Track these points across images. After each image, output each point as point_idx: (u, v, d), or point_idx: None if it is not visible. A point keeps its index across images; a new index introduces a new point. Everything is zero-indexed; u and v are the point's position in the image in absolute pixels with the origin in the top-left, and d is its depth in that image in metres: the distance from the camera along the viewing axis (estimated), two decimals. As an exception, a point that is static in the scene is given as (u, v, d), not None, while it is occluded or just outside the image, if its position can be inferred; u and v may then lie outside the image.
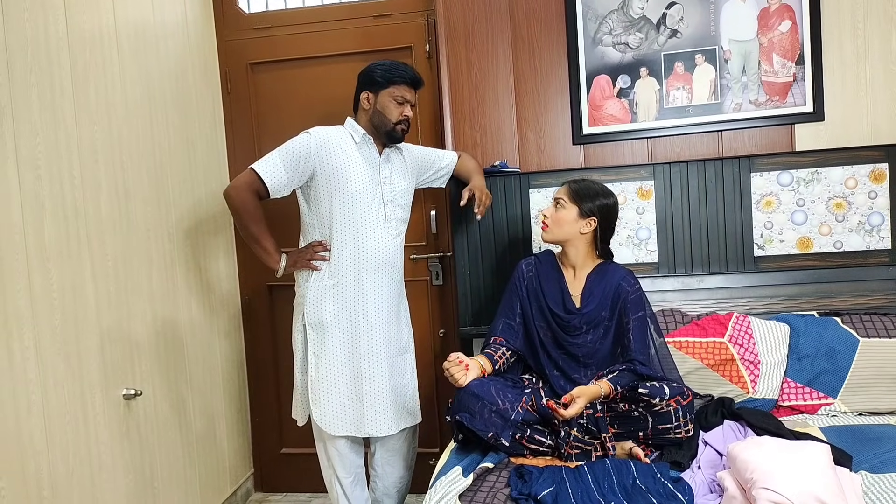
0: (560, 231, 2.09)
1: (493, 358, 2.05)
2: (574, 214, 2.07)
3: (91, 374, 2.01)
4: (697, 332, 2.27)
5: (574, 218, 2.07)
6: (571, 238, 2.09)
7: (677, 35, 2.55)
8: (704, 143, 2.57)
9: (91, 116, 2.07)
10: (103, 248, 2.09)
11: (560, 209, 2.08)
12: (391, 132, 2.21)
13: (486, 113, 2.70)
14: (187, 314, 2.57)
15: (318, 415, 2.20)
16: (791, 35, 2.49)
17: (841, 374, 2.15)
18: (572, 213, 2.07)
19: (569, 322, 2.06)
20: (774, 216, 2.48)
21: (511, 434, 1.85)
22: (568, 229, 2.08)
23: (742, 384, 2.18)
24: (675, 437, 1.84)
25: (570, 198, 2.08)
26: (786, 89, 2.50)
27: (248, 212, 2.15)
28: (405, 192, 2.31)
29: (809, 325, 2.25)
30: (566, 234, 2.09)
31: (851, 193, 2.44)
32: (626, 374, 1.94)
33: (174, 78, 2.57)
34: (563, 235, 2.09)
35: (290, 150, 2.15)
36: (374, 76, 2.21)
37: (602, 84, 2.61)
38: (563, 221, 2.08)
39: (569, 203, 2.07)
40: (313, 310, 2.19)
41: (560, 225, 2.08)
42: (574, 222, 2.07)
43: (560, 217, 2.08)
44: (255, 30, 2.91)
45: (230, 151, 2.96)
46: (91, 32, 2.09)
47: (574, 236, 2.09)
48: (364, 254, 2.19)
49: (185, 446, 2.51)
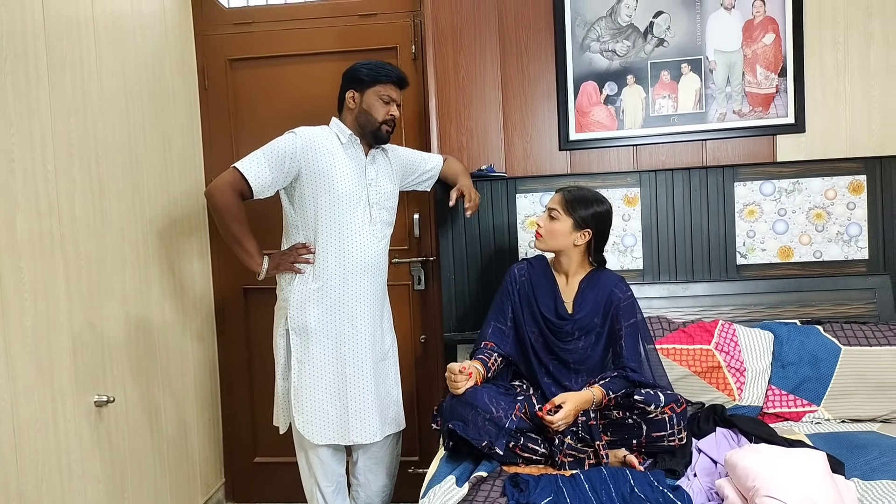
0: (554, 242, 2.05)
1: (486, 364, 2.01)
2: (568, 226, 2.03)
3: (62, 380, 1.91)
4: (684, 340, 2.27)
5: (568, 230, 2.03)
6: (564, 249, 2.06)
7: (664, 44, 2.56)
8: (689, 152, 2.58)
9: (67, 107, 1.97)
10: (77, 247, 1.99)
11: (554, 220, 2.04)
12: (377, 132, 2.17)
13: (472, 116, 2.67)
14: (160, 316, 2.47)
15: (300, 422, 2.13)
16: (774, 47, 2.53)
17: (824, 382, 2.17)
18: (566, 225, 2.03)
19: (561, 328, 2.04)
20: (757, 225, 2.51)
21: (505, 442, 1.81)
22: (562, 241, 2.04)
23: (728, 391, 2.19)
24: (668, 444, 1.83)
25: (563, 209, 2.03)
26: (768, 100, 2.54)
27: (231, 212, 2.07)
28: (391, 194, 2.26)
29: (792, 333, 2.27)
30: (559, 246, 2.05)
31: (831, 204, 2.48)
32: (619, 381, 1.92)
33: (150, 70, 2.47)
34: (556, 246, 2.06)
35: (275, 150, 2.09)
36: (359, 75, 2.17)
37: (589, 90, 2.60)
38: (556, 233, 2.03)
39: (562, 214, 2.03)
40: (297, 314, 2.13)
41: (554, 236, 2.04)
42: (568, 234, 2.03)
43: (554, 228, 2.04)
44: (235, 25, 2.83)
45: (206, 149, 2.86)
46: (68, 20, 2.00)
47: (567, 247, 2.05)
48: (350, 257, 2.13)
49: (156, 454, 2.41)
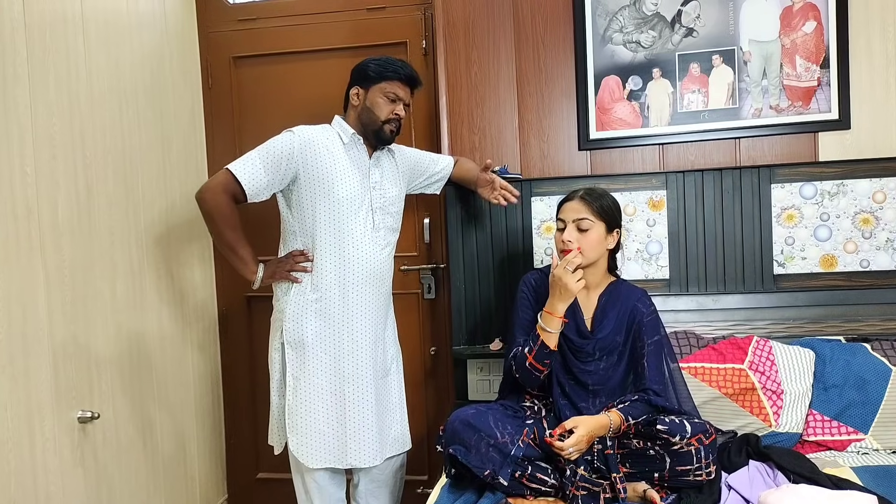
0: (594, 253, 1.84)
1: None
2: (602, 232, 1.84)
3: (40, 395, 1.80)
4: (714, 358, 2.07)
5: (603, 236, 1.84)
6: (601, 258, 1.88)
7: (693, 34, 2.36)
8: (721, 151, 2.37)
9: (50, 108, 1.87)
10: (59, 253, 1.89)
11: (586, 231, 1.82)
12: (379, 131, 2.02)
13: (485, 115, 2.51)
14: (157, 326, 2.35)
15: (294, 444, 1.99)
16: (816, 36, 2.31)
17: (872, 407, 1.96)
18: (600, 230, 1.84)
19: (581, 347, 1.85)
20: (796, 231, 2.29)
21: (510, 472, 1.64)
22: (599, 249, 1.85)
23: (764, 416, 1.98)
24: (695, 479, 1.64)
25: (593, 214, 1.83)
26: (809, 94, 2.32)
27: (223, 216, 1.94)
28: (396, 198, 2.11)
29: (836, 352, 2.05)
30: (598, 254, 1.86)
31: (880, 208, 2.26)
32: (640, 405, 1.73)
33: (148, 70, 2.37)
34: (595, 257, 1.86)
35: (271, 150, 1.95)
36: (367, 71, 2.03)
37: (611, 86, 2.41)
38: (594, 243, 1.83)
39: (595, 220, 1.83)
40: (293, 327, 1.98)
41: (593, 247, 1.83)
42: (603, 240, 1.85)
43: (591, 239, 1.82)
44: (240, 21, 2.72)
45: (210, 150, 2.75)
46: (52, 16, 1.90)
47: (603, 256, 1.88)
48: (350, 266, 1.99)
49: (150, 472, 2.29)
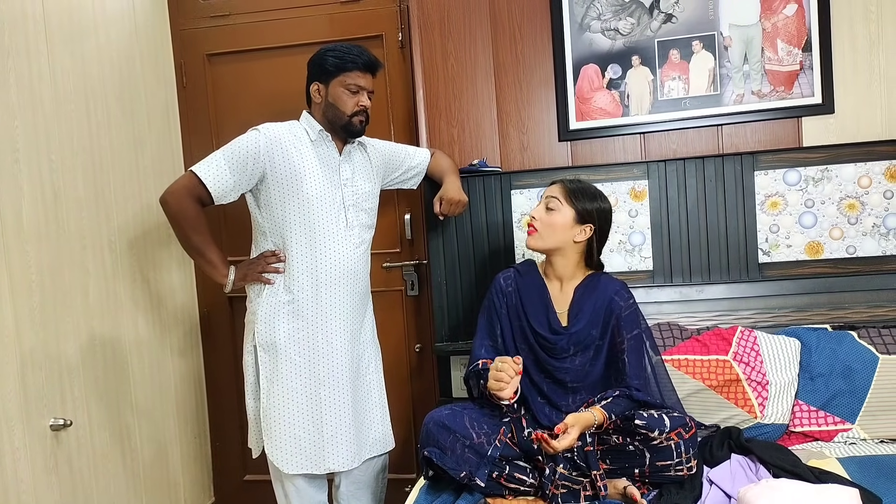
0: (552, 237, 1.80)
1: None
2: (569, 218, 1.79)
3: (8, 404, 1.76)
4: (698, 349, 2.03)
5: (569, 223, 1.79)
6: (563, 246, 1.81)
7: (672, 20, 2.32)
8: (703, 139, 2.33)
9: (10, 110, 1.83)
10: (25, 258, 1.84)
11: (552, 211, 1.80)
12: (347, 125, 1.96)
13: (463, 107, 2.46)
14: (132, 331, 2.31)
15: (271, 449, 1.95)
16: (797, 19, 2.26)
17: (859, 396, 1.92)
18: (567, 216, 1.79)
19: (555, 344, 1.80)
20: (780, 218, 2.25)
21: (487, 472, 1.61)
22: (561, 236, 1.79)
23: (749, 408, 1.94)
24: (675, 474, 1.60)
25: (565, 198, 1.79)
26: (792, 79, 2.28)
27: (188, 220, 1.89)
28: (369, 194, 2.06)
29: (822, 341, 2.01)
30: (558, 242, 1.81)
31: (865, 193, 2.21)
32: (622, 401, 1.69)
33: (118, 70, 2.32)
34: (554, 243, 1.81)
35: (237, 150, 1.90)
36: (324, 64, 1.95)
37: (590, 74, 2.37)
38: (556, 226, 1.79)
39: (564, 204, 1.79)
40: (265, 329, 1.94)
41: (553, 230, 1.79)
42: (569, 228, 1.79)
43: (553, 220, 1.79)
44: (213, 17, 2.66)
45: (186, 150, 2.70)
46: (11, 14, 1.85)
47: (566, 244, 1.81)
48: (323, 265, 1.94)
49: (129, 478, 2.25)
